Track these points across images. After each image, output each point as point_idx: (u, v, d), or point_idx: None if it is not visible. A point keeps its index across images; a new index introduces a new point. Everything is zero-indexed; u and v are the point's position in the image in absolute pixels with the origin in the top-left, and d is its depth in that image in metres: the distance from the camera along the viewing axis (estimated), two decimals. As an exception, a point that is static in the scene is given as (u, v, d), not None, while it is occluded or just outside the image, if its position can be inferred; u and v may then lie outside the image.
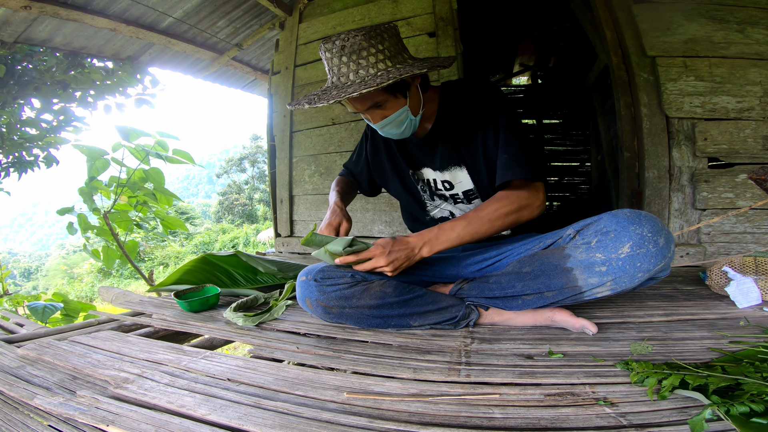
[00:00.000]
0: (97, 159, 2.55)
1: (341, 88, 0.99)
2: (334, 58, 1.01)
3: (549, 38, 4.73)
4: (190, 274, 1.74)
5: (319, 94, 1.03)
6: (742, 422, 0.60)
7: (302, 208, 3.02)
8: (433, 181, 1.30)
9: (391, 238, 1.07)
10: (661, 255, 0.90)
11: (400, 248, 1.05)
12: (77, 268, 13.04)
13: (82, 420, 0.73)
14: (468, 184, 1.24)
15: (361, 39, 0.98)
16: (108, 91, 3.49)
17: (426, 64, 1.02)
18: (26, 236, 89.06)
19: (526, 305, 1.07)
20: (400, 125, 1.11)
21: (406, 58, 1.06)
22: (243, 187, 23.60)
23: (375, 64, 0.99)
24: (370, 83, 0.95)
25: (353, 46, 0.99)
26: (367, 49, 0.99)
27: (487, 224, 1.07)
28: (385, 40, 1.01)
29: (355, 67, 1.00)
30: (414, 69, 0.98)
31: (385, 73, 0.97)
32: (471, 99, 1.17)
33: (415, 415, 0.71)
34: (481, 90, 1.17)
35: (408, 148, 1.31)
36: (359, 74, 0.99)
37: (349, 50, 0.99)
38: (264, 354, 1.05)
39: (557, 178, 5.08)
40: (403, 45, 1.08)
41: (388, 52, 1.01)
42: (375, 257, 1.05)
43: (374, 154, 1.41)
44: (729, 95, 2.00)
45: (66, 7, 2.44)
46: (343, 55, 1.00)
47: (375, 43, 1.00)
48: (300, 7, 3.02)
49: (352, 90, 0.95)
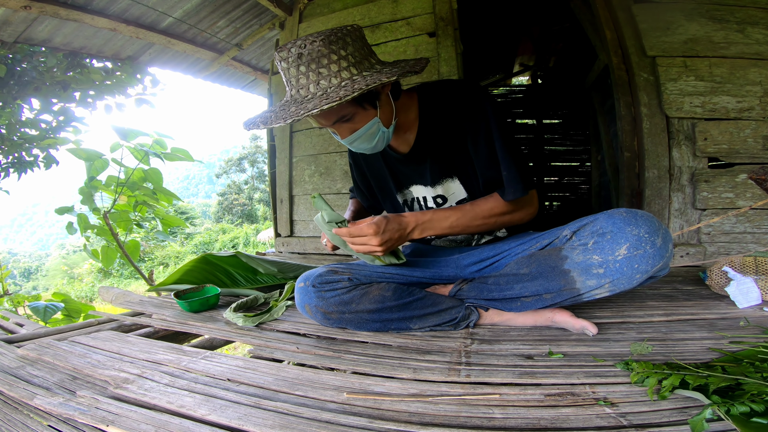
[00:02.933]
0: (98, 158, 2.55)
1: (300, 103, 0.88)
2: (290, 68, 0.90)
3: (549, 38, 4.73)
4: (190, 274, 1.74)
5: (276, 110, 0.93)
6: (742, 422, 0.60)
7: (302, 208, 3.02)
8: (423, 199, 1.23)
9: (384, 217, 1.03)
10: (659, 255, 0.89)
11: (393, 228, 1.02)
12: (77, 268, 13.05)
13: (82, 420, 0.73)
14: (461, 193, 1.19)
15: (320, 45, 0.87)
16: (108, 91, 3.49)
17: (396, 69, 0.92)
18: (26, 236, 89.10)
19: (525, 307, 1.07)
20: (371, 139, 1.02)
21: (374, 63, 0.95)
22: (243, 187, 23.61)
23: (338, 73, 0.88)
24: (332, 96, 0.84)
25: (311, 53, 0.87)
26: (328, 56, 0.88)
27: (480, 221, 1.07)
28: (349, 45, 0.90)
29: (315, 78, 0.88)
30: (382, 77, 0.87)
31: (350, 83, 0.87)
32: (456, 104, 1.08)
33: (415, 415, 0.71)
34: (466, 93, 1.07)
35: (393, 166, 1.23)
36: (320, 85, 0.88)
37: (307, 58, 0.88)
38: (264, 354, 1.05)
39: (557, 178, 5.08)
40: (369, 49, 0.97)
41: (353, 58, 0.90)
42: (368, 236, 1.00)
43: (363, 180, 1.37)
44: (729, 95, 2.00)
45: (66, 7, 2.44)
46: (301, 64, 0.88)
47: (336, 48, 0.89)
48: (300, 7, 3.02)
49: (312, 106, 0.84)
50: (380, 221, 1.01)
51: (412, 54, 2.62)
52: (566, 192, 5.08)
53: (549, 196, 5.13)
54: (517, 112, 5.10)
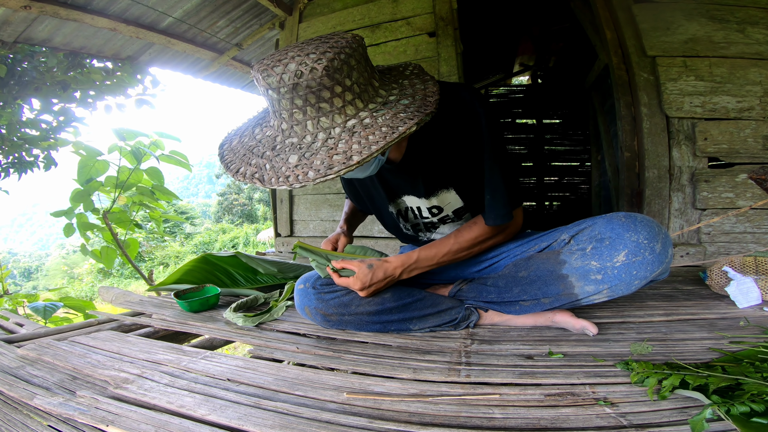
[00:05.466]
0: (93, 160, 2.55)
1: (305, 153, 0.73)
2: (282, 100, 0.74)
3: (549, 38, 4.73)
4: (190, 274, 1.74)
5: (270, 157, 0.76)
6: (742, 422, 0.60)
7: (302, 208, 3.02)
8: (417, 209, 1.16)
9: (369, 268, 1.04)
10: (657, 261, 0.89)
11: (378, 278, 1.04)
12: (77, 268, 13.05)
13: (82, 420, 0.73)
14: (458, 203, 1.11)
15: (323, 75, 0.71)
16: (108, 92, 3.50)
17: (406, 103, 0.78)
18: (26, 236, 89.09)
19: (524, 311, 1.06)
20: (366, 168, 0.92)
21: (377, 87, 0.81)
22: (243, 187, 23.58)
23: (342, 109, 0.74)
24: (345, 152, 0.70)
25: (311, 86, 0.71)
26: (331, 89, 0.73)
27: (465, 252, 1.08)
28: (353, 70, 0.75)
29: (313, 113, 0.74)
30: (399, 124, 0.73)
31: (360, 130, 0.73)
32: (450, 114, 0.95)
33: (415, 415, 0.71)
34: (461, 103, 0.95)
35: (383, 176, 1.14)
36: (320, 125, 0.74)
37: (305, 91, 0.72)
38: (264, 354, 1.05)
39: (557, 177, 5.08)
40: (371, 66, 0.83)
41: (357, 88, 0.76)
42: (353, 280, 1.04)
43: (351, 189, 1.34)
44: (729, 95, 2.00)
45: (66, 7, 2.44)
46: (296, 97, 0.73)
47: (341, 78, 0.73)
48: (300, 7, 3.02)
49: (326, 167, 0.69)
50: (365, 275, 1.03)
51: (412, 54, 2.61)
52: (566, 192, 5.09)
53: (549, 196, 5.13)
54: (517, 112, 5.10)
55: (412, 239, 1.33)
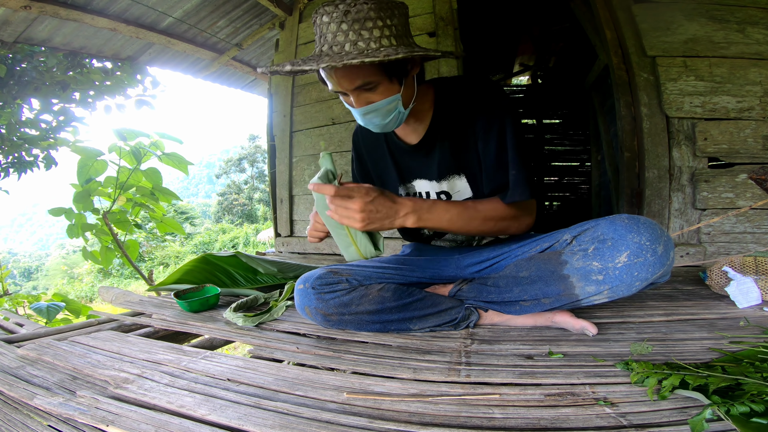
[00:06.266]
0: (93, 160, 2.55)
1: (334, 56, 0.86)
2: (332, 24, 0.87)
3: (549, 38, 4.73)
4: (190, 274, 1.74)
5: (304, 58, 0.91)
6: (742, 422, 0.60)
7: (302, 208, 3.02)
8: (426, 194, 1.21)
9: (380, 191, 0.93)
10: (659, 263, 0.88)
11: (383, 203, 0.92)
12: (77, 268, 13.05)
13: (82, 420, 0.73)
14: (467, 192, 1.16)
15: (370, 8, 0.86)
16: (108, 92, 3.50)
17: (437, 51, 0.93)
18: (26, 236, 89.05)
19: (524, 311, 1.06)
20: (387, 115, 0.99)
21: (411, 42, 0.95)
22: (242, 187, 23.62)
23: (378, 39, 0.87)
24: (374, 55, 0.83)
25: (359, 13, 0.86)
26: (374, 21, 0.86)
27: (479, 221, 1.02)
28: (395, 17, 0.89)
29: (354, 38, 0.87)
30: (429, 51, 0.89)
31: (392, 50, 0.86)
32: (472, 99, 1.06)
33: (415, 415, 0.71)
34: (484, 91, 1.06)
35: (399, 157, 1.21)
36: (358, 46, 0.87)
37: (353, 17, 0.86)
38: (264, 354, 1.05)
39: (557, 178, 5.08)
40: (409, 29, 0.96)
41: (396, 30, 0.89)
42: (354, 199, 0.89)
43: (364, 175, 1.35)
44: (729, 95, 2.01)
45: (66, 7, 2.44)
46: (344, 21, 0.86)
47: (384, 16, 0.87)
48: (300, 7, 3.02)
49: (351, 57, 0.83)
50: (373, 190, 0.91)
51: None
52: (566, 192, 5.09)
53: (549, 196, 5.13)
54: (520, 114, 5.10)
55: (416, 235, 1.34)
